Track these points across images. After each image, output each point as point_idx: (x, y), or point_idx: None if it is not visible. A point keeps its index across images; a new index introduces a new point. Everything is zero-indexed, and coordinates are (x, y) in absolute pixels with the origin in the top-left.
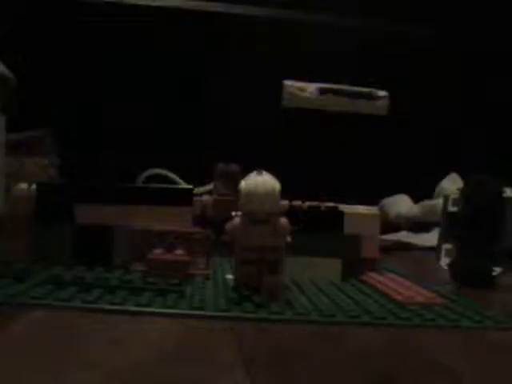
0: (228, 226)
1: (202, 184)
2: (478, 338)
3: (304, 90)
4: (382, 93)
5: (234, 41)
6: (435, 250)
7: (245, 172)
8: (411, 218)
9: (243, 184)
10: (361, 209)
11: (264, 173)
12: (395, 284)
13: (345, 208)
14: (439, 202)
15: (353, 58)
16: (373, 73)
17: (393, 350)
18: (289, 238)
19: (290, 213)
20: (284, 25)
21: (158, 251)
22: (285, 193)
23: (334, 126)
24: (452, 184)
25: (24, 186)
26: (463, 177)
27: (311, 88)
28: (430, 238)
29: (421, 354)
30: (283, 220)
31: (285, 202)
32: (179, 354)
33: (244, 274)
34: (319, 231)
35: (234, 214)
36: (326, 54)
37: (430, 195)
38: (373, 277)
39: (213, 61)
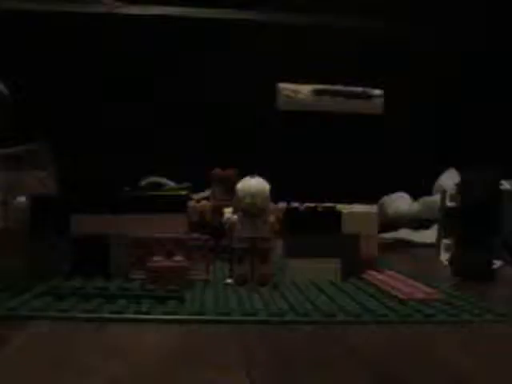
0: (226, 220)
1: (200, 189)
2: (479, 331)
3: (299, 92)
4: (376, 91)
5: (234, 44)
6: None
7: (242, 176)
8: (411, 216)
9: (239, 185)
10: (358, 208)
11: (257, 176)
12: (395, 281)
13: (342, 208)
14: (438, 198)
15: (348, 58)
16: (370, 71)
17: (394, 348)
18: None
19: (288, 214)
20: (281, 27)
21: (156, 258)
22: (284, 194)
23: (331, 126)
24: (450, 180)
25: (22, 199)
26: (460, 171)
27: (306, 90)
28: (430, 235)
29: (422, 349)
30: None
31: (283, 204)
32: (180, 360)
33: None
34: (318, 232)
35: (228, 210)
36: (322, 55)
37: (429, 192)
38: (372, 275)
39: (211, 64)
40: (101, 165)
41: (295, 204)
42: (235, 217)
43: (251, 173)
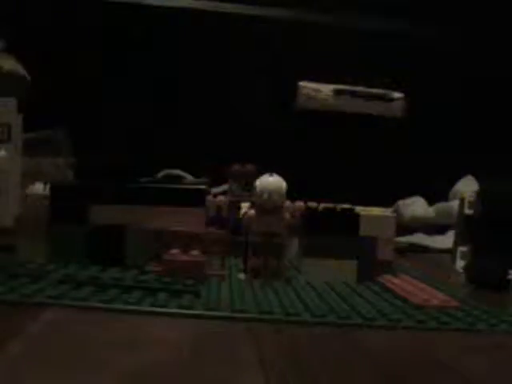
0: (244, 215)
1: (218, 184)
2: (494, 341)
3: (319, 91)
4: (397, 94)
5: (251, 41)
6: (450, 252)
7: (260, 173)
8: (426, 220)
9: (258, 182)
10: (376, 211)
11: (274, 174)
12: (410, 286)
13: (360, 210)
14: (454, 204)
15: (368, 59)
16: (388, 74)
17: (408, 353)
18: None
19: (307, 214)
20: (299, 25)
21: (173, 252)
22: (299, 194)
23: (349, 127)
24: (467, 186)
25: (40, 186)
26: (478, 179)
27: (326, 89)
28: (445, 241)
29: (436, 357)
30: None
31: (300, 203)
32: (193, 355)
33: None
34: (334, 233)
35: (245, 205)
36: (339, 55)
37: (445, 197)
38: (388, 279)
39: (230, 61)
40: (119, 155)
41: (312, 203)
42: (252, 211)
43: (269, 171)
